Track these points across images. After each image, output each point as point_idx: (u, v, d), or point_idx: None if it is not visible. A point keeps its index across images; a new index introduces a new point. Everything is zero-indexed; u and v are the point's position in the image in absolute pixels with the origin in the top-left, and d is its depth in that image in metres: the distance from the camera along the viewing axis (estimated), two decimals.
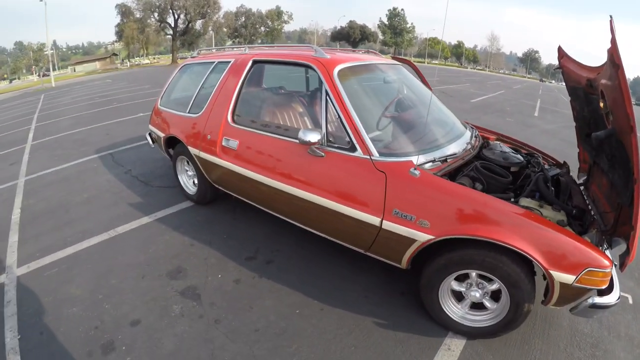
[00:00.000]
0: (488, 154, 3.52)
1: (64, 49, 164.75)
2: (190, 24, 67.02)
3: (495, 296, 2.79)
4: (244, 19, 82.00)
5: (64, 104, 18.42)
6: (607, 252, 2.50)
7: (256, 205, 3.92)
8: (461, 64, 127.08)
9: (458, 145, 3.39)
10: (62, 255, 3.85)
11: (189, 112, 4.40)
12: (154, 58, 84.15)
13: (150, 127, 5.37)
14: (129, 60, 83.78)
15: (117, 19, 64.29)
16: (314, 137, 2.92)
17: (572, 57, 3.49)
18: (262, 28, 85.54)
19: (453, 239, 2.59)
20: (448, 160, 3.07)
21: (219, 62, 4.33)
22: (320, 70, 3.27)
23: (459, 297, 2.93)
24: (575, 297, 2.50)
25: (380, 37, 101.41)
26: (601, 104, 2.73)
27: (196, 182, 4.66)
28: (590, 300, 2.38)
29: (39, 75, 69.82)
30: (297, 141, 3.02)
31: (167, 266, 3.58)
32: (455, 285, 2.84)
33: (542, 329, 3.10)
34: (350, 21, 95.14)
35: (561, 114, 18.98)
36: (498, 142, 4.00)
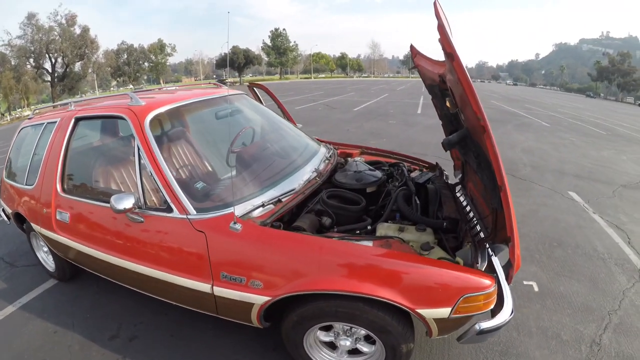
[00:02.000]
0: (340, 178, 3.33)
1: None
2: (68, 67, 63.70)
3: (370, 338, 2.54)
4: (126, 56, 79.19)
5: None
6: (494, 259, 2.29)
7: None
8: (347, 74, 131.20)
9: (299, 176, 3.13)
10: None
11: (26, 184, 3.95)
12: (36, 108, 78.57)
13: (0, 202, 4.84)
14: (9, 114, 78.15)
15: None
16: (127, 202, 2.53)
17: (424, 53, 3.28)
18: (146, 63, 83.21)
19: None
20: (283, 200, 2.78)
21: (48, 123, 3.90)
22: (132, 121, 2.91)
23: (333, 345, 2.69)
24: (461, 324, 2.32)
25: (265, 58, 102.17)
26: (448, 103, 2.60)
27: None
28: (477, 327, 2.04)
29: None
30: None
31: None
32: (323, 336, 2.62)
33: (441, 352, 2.97)
34: (234, 46, 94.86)
35: None
36: (356, 160, 3.79)
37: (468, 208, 2.97)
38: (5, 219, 4.86)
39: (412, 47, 3.44)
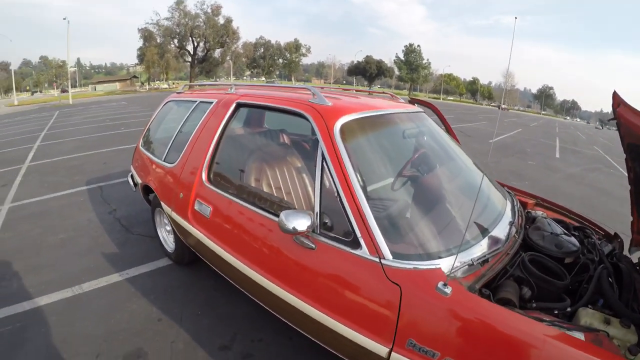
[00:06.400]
0: (536, 238, 2.60)
1: (88, 67, 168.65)
2: (209, 52, 68.82)
3: None
4: (262, 50, 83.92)
5: (73, 123, 18.59)
6: None
7: None
8: (476, 101, 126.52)
9: (501, 230, 2.49)
10: (19, 310, 3.34)
11: (164, 160, 3.71)
12: (173, 83, 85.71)
13: (132, 168, 4.74)
14: (148, 84, 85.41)
15: (140, 43, 66.58)
16: (301, 224, 2.09)
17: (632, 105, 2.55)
18: (280, 60, 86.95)
19: None
20: (490, 260, 2.18)
21: (201, 102, 3.64)
22: (317, 123, 2.46)
23: None
24: None
25: (397, 72, 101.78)
26: None
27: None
28: None
29: (61, 91, 72.43)
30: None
31: (127, 346, 2.90)
32: None
33: None
34: (367, 56, 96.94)
35: (582, 154, 18.58)
36: (544, 216, 3.06)
37: None
38: (132, 185, 4.78)
39: (615, 95, 2.68)
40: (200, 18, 65.46)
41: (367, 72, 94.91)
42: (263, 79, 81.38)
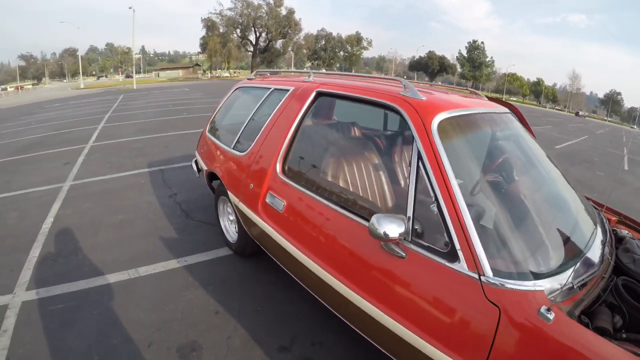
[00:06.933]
0: (627, 261, 2.30)
1: (152, 55, 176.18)
2: (270, 43, 70.31)
3: None
4: (324, 42, 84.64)
5: (137, 107, 19.28)
6: None
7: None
8: (539, 103, 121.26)
9: (595, 250, 2.17)
10: (73, 289, 3.35)
11: (234, 148, 3.59)
12: (234, 72, 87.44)
13: (197, 154, 4.67)
14: (210, 72, 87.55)
15: (202, 32, 69.24)
16: (392, 229, 1.85)
17: None
18: (341, 52, 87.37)
19: None
20: (587, 283, 1.91)
21: (276, 89, 3.48)
22: (412, 118, 2.21)
23: None
24: None
25: (459, 69, 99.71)
26: None
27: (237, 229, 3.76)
28: None
29: (126, 76, 76.07)
30: (367, 224, 1.98)
31: (181, 337, 2.78)
32: None
33: None
34: (430, 51, 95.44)
35: None
36: (631, 237, 2.70)
37: None
38: (196, 170, 4.71)
39: None
40: (263, 9, 67.13)
41: (429, 67, 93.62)
42: (323, 70, 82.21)
